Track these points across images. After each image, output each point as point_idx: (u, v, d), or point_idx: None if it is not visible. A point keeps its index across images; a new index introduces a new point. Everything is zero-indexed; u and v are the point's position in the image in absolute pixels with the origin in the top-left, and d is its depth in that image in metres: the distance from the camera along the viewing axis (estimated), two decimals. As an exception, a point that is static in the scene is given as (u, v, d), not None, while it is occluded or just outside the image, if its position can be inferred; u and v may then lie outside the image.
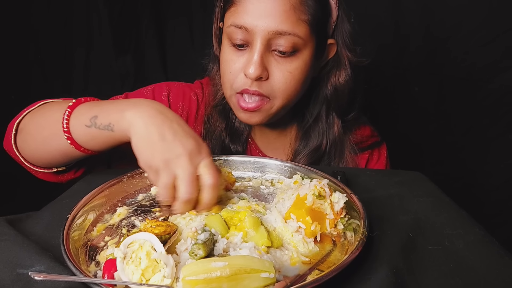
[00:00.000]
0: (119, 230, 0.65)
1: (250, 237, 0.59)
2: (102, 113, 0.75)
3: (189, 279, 0.47)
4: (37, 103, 0.89)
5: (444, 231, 0.63)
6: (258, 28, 0.87)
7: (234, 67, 0.93)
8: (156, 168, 0.67)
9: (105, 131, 0.75)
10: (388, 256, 0.57)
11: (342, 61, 1.01)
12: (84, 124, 0.76)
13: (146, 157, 0.68)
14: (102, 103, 0.80)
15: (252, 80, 0.90)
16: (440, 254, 0.58)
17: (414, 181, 0.83)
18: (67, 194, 0.77)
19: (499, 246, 0.60)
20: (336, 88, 1.02)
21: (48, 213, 0.70)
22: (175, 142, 0.67)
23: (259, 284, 0.48)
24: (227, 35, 0.93)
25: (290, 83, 0.92)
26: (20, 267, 0.51)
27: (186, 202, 0.67)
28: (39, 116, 0.85)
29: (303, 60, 0.92)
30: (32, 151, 0.85)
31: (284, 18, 0.87)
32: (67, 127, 0.77)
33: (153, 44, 1.75)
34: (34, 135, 0.84)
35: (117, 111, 0.74)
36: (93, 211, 0.68)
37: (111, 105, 0.77)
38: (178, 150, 0.67)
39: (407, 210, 0.69)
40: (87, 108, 0.78)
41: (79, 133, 0.77)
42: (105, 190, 0.73)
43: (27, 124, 0.86)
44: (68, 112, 0.78)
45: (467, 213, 0.69)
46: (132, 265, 0.50)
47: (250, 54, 0.90)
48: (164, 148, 0.67)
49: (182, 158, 0.66)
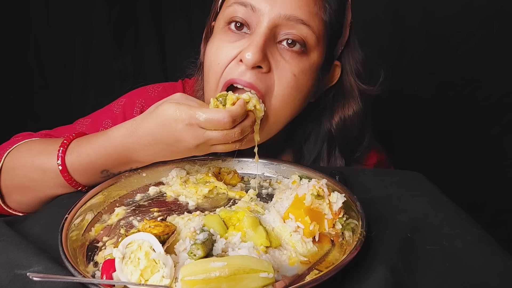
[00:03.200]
0: (117, 230, 0.65)
1: (249, 237, 0.59)
2: (111, 166, 0.74)
3: (188, 279, 0.47)
4: (13, 143, 0.82)
5: (442, 231, 0.64)
6: (268, 8, 0.74)
7: (227, 55, 0.77)
8: (204, 150, 0.68)
9: (127, 172, 0.77)
10: (386, 255, 0.57)
11: (350, 90, 0.89)
12: (99, 177, 0.75)
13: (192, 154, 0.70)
14: (96, 152, 0.73)
15: (248, 67, 0.74)
16: (438, 253, 0.58)
17: (412, 181, 0.83)
18: (66, 195, 0.77)
19: (497, 246, 0.60)
20: (345, 122, 0.89)
21: (46, 214, 0.70)
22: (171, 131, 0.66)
23: (258, 284, 0.48)
24: (224, 17, 0.79)
25: (291, 90, 0.78)
26: (18, 268, 0.51)
27: (240, 123, 0.66)
28: (20, 169, 0.78)
29: (309, 65, 0.79)
30: (25, 207, 0.82)
31: (303, 4, 0.75)
32: (77, 186, 0.75)
33: (152, 44, 1.75)
34: (21, 186, 0.79)
35: (124, 156, 0.72)
36: (91, 211, 0.68)
37: (107, 153, 0.72)
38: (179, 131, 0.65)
39: (405, 210, 0.69)
40: (86, 166, 0.73)
41: (96, 182, 0.75)
42: (103, 191, 0.73)
43: (7, 172, 0.79)
44: (61, 166, 0.73)
45: (465, 213, 0.69)
46: (131, 265, 0.49)
47: (251, 38, 0.75)
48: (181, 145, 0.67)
49: (186, 129, 0.65)
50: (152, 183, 0.79)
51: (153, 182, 0.80)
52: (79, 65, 1.70)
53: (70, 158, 0.73)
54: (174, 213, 0.70)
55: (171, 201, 0.74)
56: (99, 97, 0.91)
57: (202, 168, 0.84)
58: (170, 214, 0.69)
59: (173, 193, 0.76)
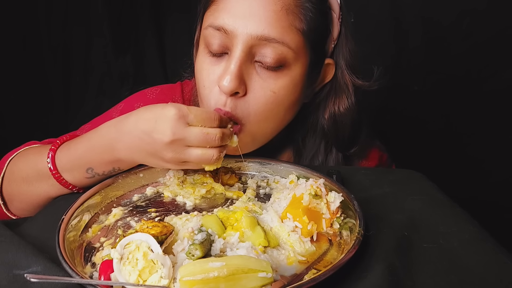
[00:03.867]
0: (115, 231, 0.65)
1: (247, 237, 0.59)
2: (95, 164, 0.72)
3: (187, 279, 0.47)
4: (6, 158, 0.83)
5: (439, 229, 0.64)
6: (239, 30, 0.72)
7: (209, 79, 0.77)
8: (178, 161, 0.66)
9: (112, 173, 0.75)
10: (384, 254, 0.57)
11: (343, 86, 0.86)
12: (84, 177, 0.74)
13: (163, 162, 0.68)
14: (80, 152, 0.73)
15: (226, 95, 0.74)
16: (435, 252, 0.59)
17: (409, 179, 0.84)
18: (63, 196, 0.77)
19: (494, 243, 0.61)
20: (335, 118, 0.87)
21: (44, 215, 0.70)
22: (154, 132, 0.64)
23: (256, 283, 0.48)
24: (203, 39, 0.78)
25: (271, 105, 0.76)
26: (17, 268, 0.51)
27: (225, 140, 0.66)
28: (19, 182, 0.79)
29: (291, 79, 0.77)
30: (26, 213, 0.81)
31: (273, 21, 0.72)
32: (67, 185, 0.74)
33: (152, 44, 1.74)
34: (20, 199, 0.80)
35: (108, 155, 0.70)
36: (88, 212, 0.68)
37: (94, 152, 0.71)
38: (163, 133, 0.63)
39: (402, 209, 0.70)
40: (69, 162, 0.73)
41: (83, 183, 0.75)
42: (100, 191, 0.72)
43: (7, 189, 0.81)
44: (52, 169, 0.73)
45: (463, 211, 0.70)
46: (129, 266, 0.49)
47: (227, 63, 0.75)
48: (159, 145, 0.65)
49: (170, 133, 0.63)
50: (149, 184, 0.79)
51: (150, 182, 0.80)
52: (79, 65, 1.69)
53: (60, 155, 0.74)
54: (171, 213, 0.70)
55: (169, 202, 0.74)
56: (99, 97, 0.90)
57: (200, 168, 0.84)
58: (167, 214, 0.69)
59: (171, 193, 0.76)
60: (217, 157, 0.66)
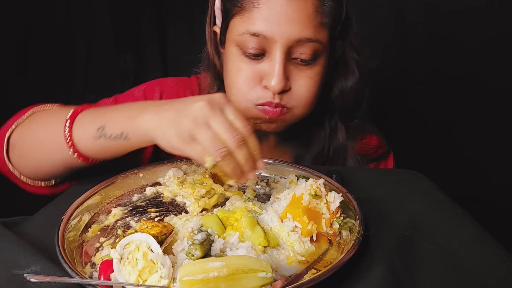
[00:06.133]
0: (114, 231, 0.65)
1: (247, 237, 0.59)
2: (110, 122, 0.70)
3: (187, 279, 0.47)
4: (25, 111, 0.83)
5: (440, 229, 0.64)
6: (278, 36, 0.79)
7: (249, 76, 0.85)
8: (189, 133, 0.61)
9: (118, 141, 0.70)
10: (384, 255, 0.57)
11: (349, 64, 0.95)
12: (91, 136, 0.71)
13: (174, 133, 0.62)
14: (104, 110, 0.75)
15: (275, 92, 0.83)
16: (435, 253, 0.59)
17: (409, 179, 0.83)
18: (62, 196, 0.77)
19: (495, 244, 0.61)
20: (343, 92, 0.96)
21: (43, 215, 0.70)
22: (189, 103, 0.63)
23: (256, 283, 0.48)
24: (236, 43, 0.84)
25: (313, 90, 0.87)
26: (16, 268, 0.51)
27: (240, 147, 0.61)
28: (34, 130, 0.79)
29: (321, 65, 0.87)
30: (30, 167, 0.81)
31: (306, 23, 0.80)
32: (70, 140, 0.72)
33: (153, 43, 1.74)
34: (31, 151, 0.79)
35: (126, 118, 0.69)
36: (88, 212, 0.68)
37: (116, 112, 0.72)
38: (195, 104, 0.61)
39: (403, 209, 0.70)
40: (90, 118, 0.73)
41: (87, 146, 0.73)
42: (100, 191, 0.72)
43: (20, 138, 0.80)
44: (69, 123, 0.73)
45: (464, 211, 0.70)
46: (128, 266, 0.49)
47: (269, 65, 0.83)
48: (184, 112, 0.62)
49: (202, 108, 0.61)
50: (149, 184, 0.79)
51: (150, 182, 0.80)
52: (80, 63, 1.69)
53: (82, 113, 0.74)
54: (171, 213, 0.70)
55: (168, 202, 0.74)
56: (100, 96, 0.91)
57: (199, 168, 0.84)
58: (167, 214, 0.69)
59: (170, 193, 0.76)
60: (223, 153, 0.60)
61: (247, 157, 0.62)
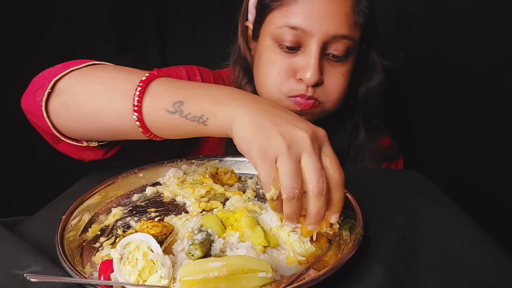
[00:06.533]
0: (114, 231, 0.65)
1: (247, 237, 0.59)
2: (191, 100, 0.61)
3: (186, 279, 0.47)
4: (82, 62, 0.75)
5: (439, 229, 0.64)
6: (317, 30, 0.82)
7: (283, 68, 0.88)
8: (275, 154, 0.53)
9: (194, 123, 0.61)
10: (383, 254, 0.57)
11: (374, 64, 0.99)
12: (165, 109, 0.62)
13: (261, 143, 0.54)
14: (184, 85, 0.66)
15: (309, 85, 0.86)
16: (435, 253, 0.59)
17: (409, 179, 0.84)
18: (62, 196, 0.77)
19: (495, 245, 0.61)
20: (370, 92, 0.99)
21: (43, 214, 0.70)
22: (292, 124, 0.56)
23: (256, 283, 0.48)
24: (273, 36, 0.88)
25: (343, 86, 0.91)
26: (16, 268, 0.51)
27: (319, 197, 0.54)
28: (93, 81, 0.70)
29: (351, 63, 0.91)
30: (71, 121, 0.71)
31: (344, 21, 0.84)
32: (138, 105, 0.63)
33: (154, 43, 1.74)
34: (83, 103, 0.69)
35: (212, 101, 0.60)
36: (88, 212, 0.68)
37: (199, 91, 0.63)
38: (299, 131, 0.54)
39: (403, 209, 0.70)
40: (167, 88, 0.64)
41: (155, 117, 0.64)
42: (100, 191, 0.72)
43: (72, 85, 0.71)
44: (140, 87, 0.64)
45: (463, 211, 0.70)
46: (128, 266, 0.49)
47: (304, 58, 0.86)
48: (282, 130, 0.54)
49: (305, 139, 0.54)
50: (149, 184, 0.79)
51: (150, 182, 0.80)
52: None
53: (157, 79, 0.66)
54: (171, 213, 0.70)
55: (168, 202, 0.74)
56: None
57: (199, 168, 0.84)
58: (167, 214, 0.69)
59: (170, 193, 0.76)
60: (295, 194, 0.53)
61: (321, 210, 0.55)
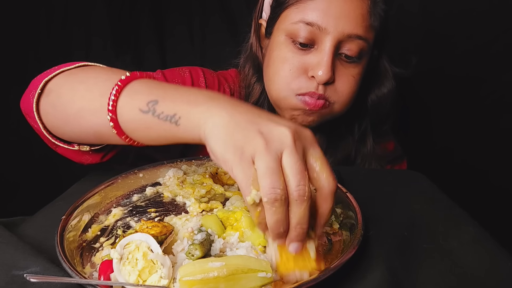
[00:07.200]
0: (114, 231, 0.65)
1: (247, 236, 0.59)
2: (165, 99, 0.57)
3: (186, 279, 0.47)
4: (75, 63, 0.73)
5: (439, 229, 0.64)
6: (332, 28, 0.82)
7: (295, 65, 0.87)
8: (253, 153, 0.47)
9: (166, 123, 0.56)
10: (383, 254, 0.57)
11: (385, 71, 0.98)
12: (138, 108, 0.58)
13: (237, 144, 0.48)
14: (163, 86, 0.62)
15: (320, 83, 0.85)
16: (435, 252, 0.59)
17: (409, 179, 0.84)
18: (62, 197, 0.77)
19: (495, 244, 0.61)
20: (380, 99, 0.99)
21: (43, 215, 0.70)
22: (273, 123, 0.49)
23: (256, 283, 0.48)
24: (287, 32, 0.87)
25: (353, 88, 0.90)
26: (15, 269, 0.51)
27: (300, 203, 0.46)
28: (77, 80, 0.69)
29: (363, 66, 0.90)
30: (58, 120, 0.70)
31: (360, 21, 0.83)
32: (113, 105, 0.60)
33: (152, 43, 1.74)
34: (66, 102, 0.67)
35: (186, 101, 0.56)
36: (88, 212, 0.68)
37: (177, 91, 0.59)
38: (279, 127, 0.48)
39: (402, 209, 0.70)
40: (145, 88, 0.61)
41: (129, 117, 0.60)
42: (100, 191, 0.72)
43: (59, 85, 0.70)
44: (118, 86, 0.60)
45: (463, 211, 0.70)
46: (128, 266, 0.49)
47: (317, 56, 0.85)
48: (261, 127, 0.48)
49: (286, 135, 0.47)
50: (149, 184, 0.79)
51: (150, 182, 0.80)
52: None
53: (138, 79, 0.63)
54: (171, 213, 0.70)
55: (168, 202, 0.74)
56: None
57: (199, 169, 0.84)
58: (167, 214, 0.69)
59: (170, 193, 0.76)
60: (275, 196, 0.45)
61: (302, 220, 0.47)
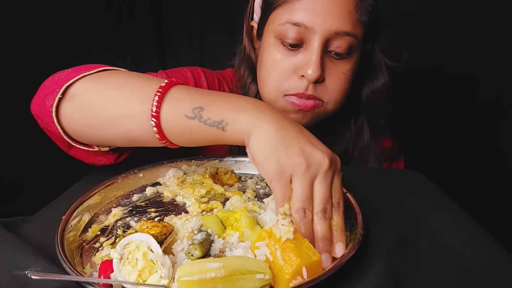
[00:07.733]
0: (114, 231, 0.65)
1: (246, 236, 0.59)
2: (211, 106, 0.61)
3: (184, 279, 0.47)
4: (93, 67, 0.73)
5: (439, 228, 0.64)
6: (319, 26, 0.82)
7: (285, 67, 0.87)
8: (292, 172, 0.54)
9: (212, 128, 0.60)
10: (383, 254, 0.57)
11: (378, 64, 0.98)
12: (184, 114, 0.61)
13: (280, 160, 0.54)
14: (203, 92, 0.66)
15: (310, 82, 0.85)
16: (434, 251, 0.59)
17: (408, 178, 0.84)
18: (62, 197, 0.77)
19: (494, 243, 0.61)
20: (374, 92, 0.99)
21: (43, 215, 0.70)
22: (314, 146, 0.56)
23: (254, 285, 0.48)
24: (276, 33, 0.87)
25: (344, 85, 0.90)
26: (16, 269, 0.51)
27: (321, 223, 0.54)
28: (110, 86, 0.68)
29: (354, 61, 0.90)
30: (87, 125, 0.70)
31: (346, 18, 0.83)
32: (157, 111, 0.62)
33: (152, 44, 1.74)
34: (100, 108, 0.68)
35: (232, 108, 0.60)
36: (88, 212, 0.68)
37: (220, 98, 0.63)
38: (319, 154, 0.55)
39: (402, 208, 0.70)
40: (187, 95, 0.63)
41: (173, 123, 0.62)
42: (100, 191, 0.72)
43: (86, 90, 0.69)
44: (160, 93, 0.62)
45: (463, 210, 0.70)
46: (128, 266, 0.49)
47: (306, 55, 0.85)
48: (304, 148, 0.55)
49: (323, 164, 0.55)
50: (149, 184, 0.79)
51: (150, 182, 0.80)
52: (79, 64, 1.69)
53: (176, 86, 0.65)
54: (171, 213, 0.70)
55: (168, 202, 0.75)
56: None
57: (199, 169, 0.84)
58: (167, 214, 0.69)
59: (170, 193, 0.76)
60: (303, 214, 0.54)
61: (326, 236, 0.55)
